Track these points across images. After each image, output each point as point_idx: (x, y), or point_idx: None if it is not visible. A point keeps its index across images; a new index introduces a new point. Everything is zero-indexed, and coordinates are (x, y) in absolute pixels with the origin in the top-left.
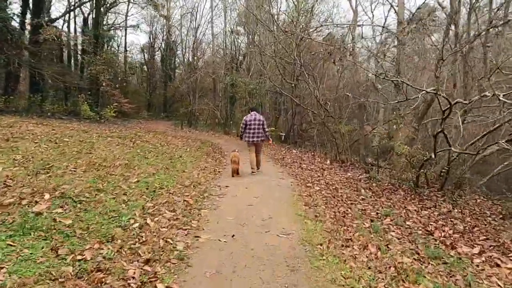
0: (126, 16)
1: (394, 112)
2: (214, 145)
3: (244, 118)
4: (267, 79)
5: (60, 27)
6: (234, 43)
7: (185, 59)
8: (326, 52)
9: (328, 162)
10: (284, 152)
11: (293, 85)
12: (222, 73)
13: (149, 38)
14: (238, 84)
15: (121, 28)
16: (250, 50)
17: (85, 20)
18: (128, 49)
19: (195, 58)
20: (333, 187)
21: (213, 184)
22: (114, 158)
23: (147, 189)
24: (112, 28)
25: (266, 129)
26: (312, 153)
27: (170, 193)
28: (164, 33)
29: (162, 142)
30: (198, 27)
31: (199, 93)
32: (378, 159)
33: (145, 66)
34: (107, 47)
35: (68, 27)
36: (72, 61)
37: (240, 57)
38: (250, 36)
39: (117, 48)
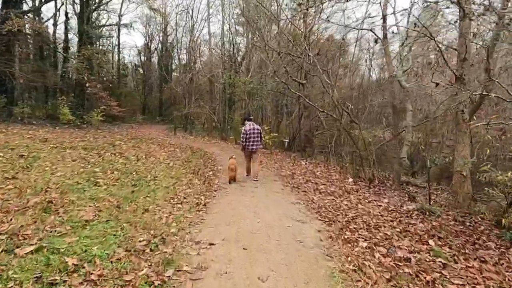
0: (120, 15)
1: (427, 116)
2: (206, 156)
3: (244, 128)
4: (270, 76)
5: (48, 24)
6: (232, 42)
7: (181, 61)
8: (335, 49)
9: (350, 180)
10: (291, 164)
11: (301, 83)
12: (220, 73)
13: (145, 38)
14: (236, 83)
15: (113, 27)
16: (252, 43)
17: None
18: (121, 50)
19: (191, 57)
20: (380, 233)
21: (191, 237)
22: (42, 187)
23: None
24: (103, 27)
25: (262, 138)
26: (326, 166)
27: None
28: (160, 33)
29: (140, 154)
30: (194, 25)
31: (195, 96)
32: (429, 181)
33: (140, 68)
34: (96, 46)
35: (55, 24)
36: (53, 59)
37: (239, 58)
38: (251, 32)
39: (108, 48)
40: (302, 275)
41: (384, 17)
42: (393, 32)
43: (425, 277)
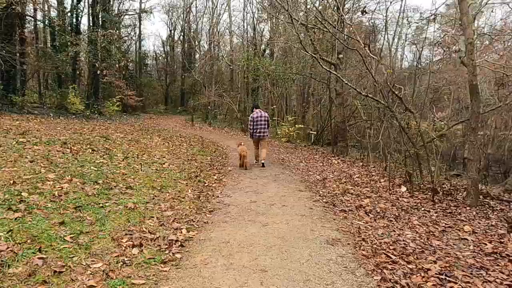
0: (140, 1)
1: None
2: (218, 152)
3: (251, 115)
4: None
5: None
6: (255, 28)
7: (202, 47)
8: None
9: (403, 189)
10: (321, 164)
11: (333, 64)
12: (241, 58)
13: (168, 27)
14: (257, 67)
15: (134, 16)
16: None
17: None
18: (144, 39)
19: (212, 44)
20: None
21: None
22: None
23: None
24: (124, 14)
25: (269, 125)
26: (364, 166)
27: None
28: (182, 22)
29: (133, 151)
30: (214, 11)
31: (216, 85)
32: None
33: (161, 57)
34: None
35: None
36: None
37: (262, 46)
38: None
39: (130, 36)
40: None
41: None
42: None
43: None
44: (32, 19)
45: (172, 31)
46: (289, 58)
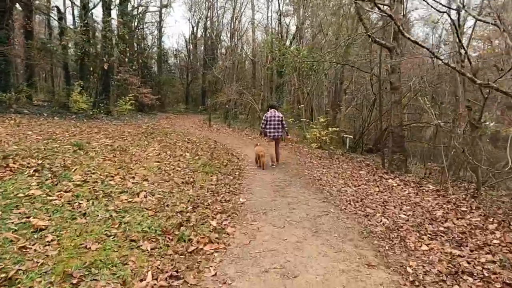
0: None
1: None
2: (231, 166)
3: (265, 115)
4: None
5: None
6: (280, 22)
7: (223, 42)
8: None
9: None
10: (375, 187)
11: (390, 47)
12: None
13: (190, 23)
14: (283, 54)
15: (154, 9)
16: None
17: None
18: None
19: (234, 39)
20: None
21: None
22: None
23: None
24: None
25: (285, 126)
26: (439, 191)
27: None
28: (204, 18)
29: (104, 169)
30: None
31: (238, 82)
32: None
33: (182, 54)
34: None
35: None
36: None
37: (288, 42)
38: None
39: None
40: None
41: None
42: None
43: None
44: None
45: (195, 28)
46: (320, 47)
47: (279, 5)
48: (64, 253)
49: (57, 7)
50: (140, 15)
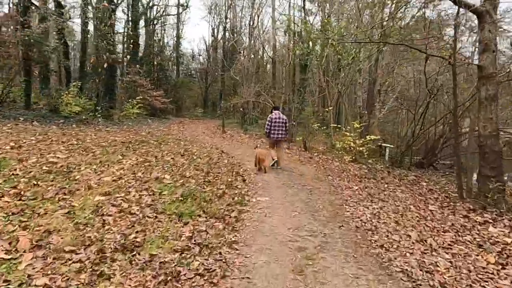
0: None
1: None
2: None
3: (270, 116)
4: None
5: None
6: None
7: (242, 43)
8: None
9: None
10: (458, 234)
11: (480, 12)
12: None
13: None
14: (308, 32)
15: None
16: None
17: None
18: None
19: (253, 36)
20: None
21: None
22: None
23: None
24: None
25: (288, 128)
26: None
27: None
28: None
29: None
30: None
31: (257, 84)
32: None
33: (200, 57)
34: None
35: None
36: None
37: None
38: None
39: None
40: None
41: None
42: None
43: None
44: None
45: (215, 30)
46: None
47: (303, 1)
48: None
49: None
50: (158, 15)
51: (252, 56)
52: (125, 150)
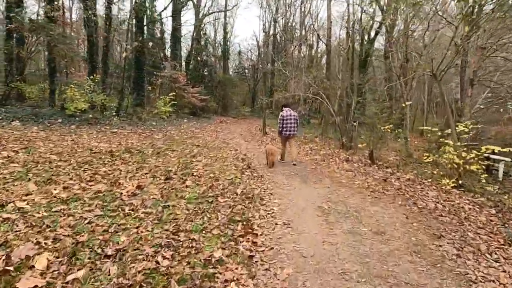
0: None
1: None
2: None
3: (281, 114)
4: None
5: None
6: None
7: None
8: None
9: None
10: None
11: None
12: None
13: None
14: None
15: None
16: None
17: None
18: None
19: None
20: None
21: None
22: None
23: None
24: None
25: (298, 124)
26: None
27: None
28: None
29: None
30: None
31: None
32: None
33: (249, 52)
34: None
35: None
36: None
37: (372, 33)
38: None
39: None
40: None
41: None
42: None
43: None
44: None
45: (266, 24)
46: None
47: None
48: None
49: None
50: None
51: (304, 48)
52: (71, 169)
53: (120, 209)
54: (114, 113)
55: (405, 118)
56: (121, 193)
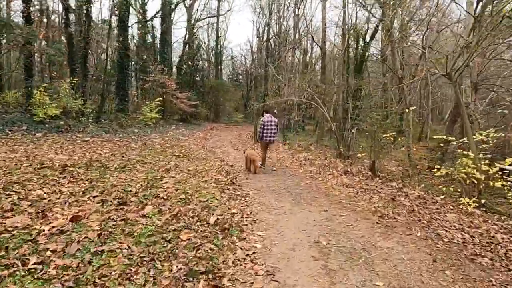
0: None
1: None
2: None
3: (262, 119)
4: None
5: None
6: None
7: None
8: None
9: None
10: None
11: None
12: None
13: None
14: None
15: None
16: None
17: None
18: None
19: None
20: None
21: None
22: None
23: None
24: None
25: (279, 130)
26: None
27: None
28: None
29: None
30: None
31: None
32: None
33: (243, 57)
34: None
35: None
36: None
37: (367, 37)
38: None
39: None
40: None
41: None
42: None
43: None
44: None
45: (259, 29)
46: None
47: None
48: None
49: None
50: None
51: (297, 52)
52: None
53: (19, 263)
54: (91, 120)
55: (407, 124)
56: (42, 231)
